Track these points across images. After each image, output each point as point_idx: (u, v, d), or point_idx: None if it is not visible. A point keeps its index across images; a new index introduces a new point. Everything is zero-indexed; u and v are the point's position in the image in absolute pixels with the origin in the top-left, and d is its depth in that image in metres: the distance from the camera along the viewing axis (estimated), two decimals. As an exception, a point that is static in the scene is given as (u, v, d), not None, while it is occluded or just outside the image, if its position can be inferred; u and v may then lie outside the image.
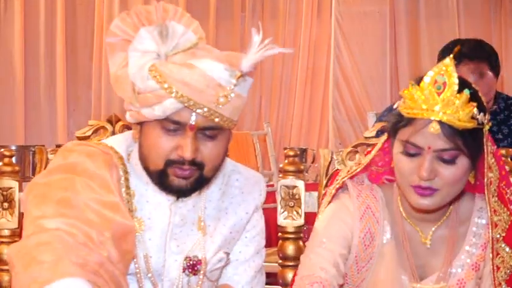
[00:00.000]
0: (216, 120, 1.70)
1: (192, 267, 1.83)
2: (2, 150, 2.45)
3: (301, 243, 2.34)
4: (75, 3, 6.99)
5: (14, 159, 2.36)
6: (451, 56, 1.79)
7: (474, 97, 1.78)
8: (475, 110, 1.77)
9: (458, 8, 6.58)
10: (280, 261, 2.35)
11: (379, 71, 6.71)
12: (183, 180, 1.75)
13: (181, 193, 1.80)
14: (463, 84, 1.79)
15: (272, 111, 7.10)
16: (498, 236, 1.85)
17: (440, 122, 1.75)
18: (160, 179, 1.76)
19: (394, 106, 1.88)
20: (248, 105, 7.09)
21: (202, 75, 1.67)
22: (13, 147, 4.64)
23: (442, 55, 3.20)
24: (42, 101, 6.88)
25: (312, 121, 7.00)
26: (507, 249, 1.85)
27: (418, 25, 6.69)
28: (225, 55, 1.73)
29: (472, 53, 3.24)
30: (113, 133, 2.24)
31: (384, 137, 2.00)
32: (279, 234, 2.46)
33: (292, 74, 7.06)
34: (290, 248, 2.34)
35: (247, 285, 1.93)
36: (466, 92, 1.76)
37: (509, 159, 2.20)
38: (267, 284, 1.96)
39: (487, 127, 1.83)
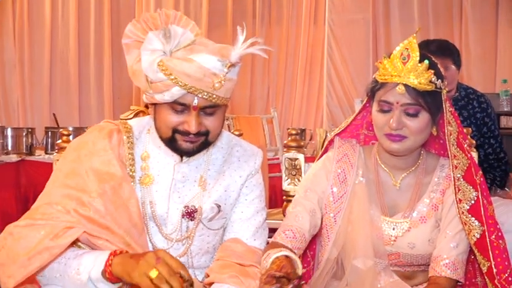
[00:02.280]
0: (214, 100, 1.75)
1: (189, 214, 1.88)
2: (61, 130, 2.47)
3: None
4: (119, 10, 6.97)
5: (71, 138, 2.37)
6: (415, 34, 1.89)
7: (432, 66, 1.88)
8: (433, 76, 1.86)
9: (427, 12, 6.55)
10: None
11: (363, 66, 6.70)
12: (190, 143, 1.81)
13: (189, 154, 1.86)
14: (423, 56, 1.88)
15: (277, 99, 7.10)
16: (458, 175, 1.92)
17: (405, 85, 1.85)
18: (171, 143, 1.83)
19: (373, 76, 1.97)
20: (258, 94, 7.11)
21: (199, 67, 1.71)
22: (70, 128, 4.70)
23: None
24: (92, 91, 6.88)
25: (309, 106, 7.00)
26: (466, 185, 1.92)
27: (393, 28, 6.67)
28: (217, 48, 1.76)
29: (438, 50, 3.24)
30: (150, 116, 2.24)
31: (364, 102, 2.07)
32: (284, 197, 2.47)
33: (294, 69, 7.05)
34: (292, 208, 2.32)
35: (250, 237, 1.94)
36: (426, 62, 1.85)
37: (469, 136, 2.21)
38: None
39: (444, 91, 1.91)
